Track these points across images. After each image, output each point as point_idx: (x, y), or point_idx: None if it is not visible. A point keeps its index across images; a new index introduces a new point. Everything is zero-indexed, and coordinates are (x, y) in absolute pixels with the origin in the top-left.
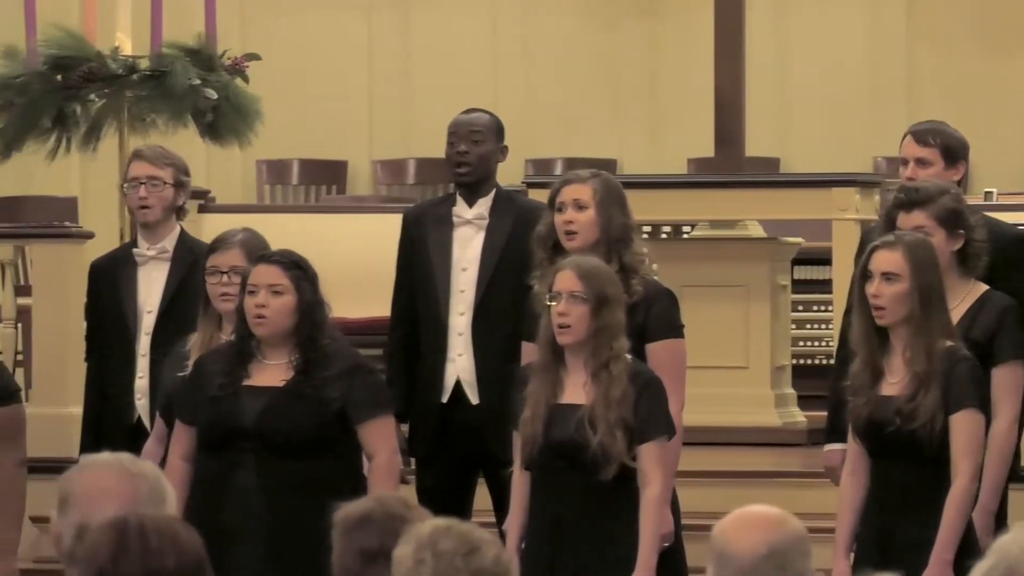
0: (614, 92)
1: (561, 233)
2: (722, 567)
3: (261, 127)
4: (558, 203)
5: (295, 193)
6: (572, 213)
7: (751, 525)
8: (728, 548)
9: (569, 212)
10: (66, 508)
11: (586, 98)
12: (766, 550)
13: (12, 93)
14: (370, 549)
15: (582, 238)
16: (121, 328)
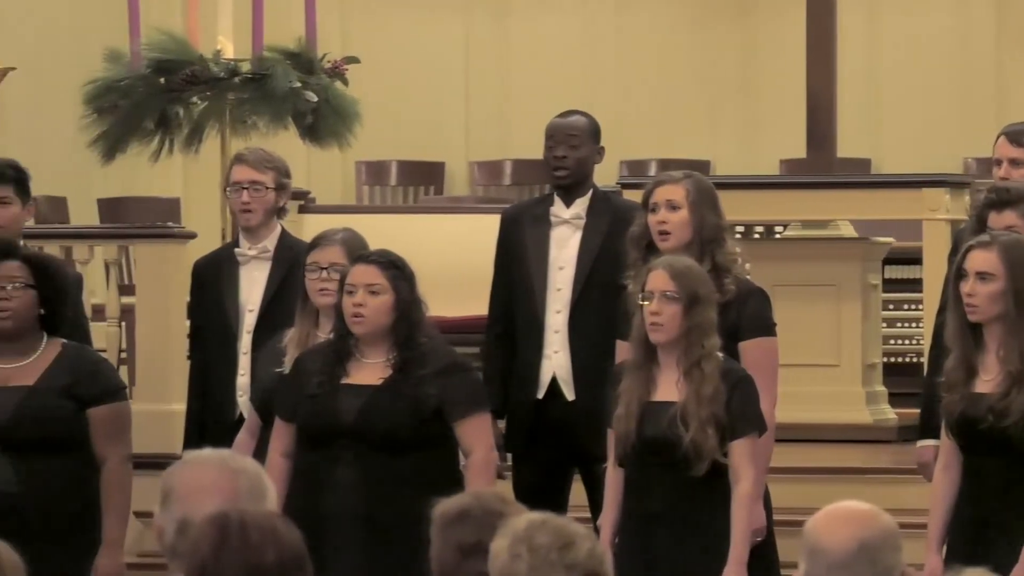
0: (708, 94)
1: (655, 233)
2: (814, 562)
3: (360, 129)
4: (651, 204)
5: (393, 194)
6: (665, 214)
7: (843, 520)
8: (820, 543)
9: (662, 213)
10: (168, 503)
11: (680, 100)
12: (857, 545)
13: (116, 96)
14: (467, 544)
15: (675, 238)
16: (223, 327)
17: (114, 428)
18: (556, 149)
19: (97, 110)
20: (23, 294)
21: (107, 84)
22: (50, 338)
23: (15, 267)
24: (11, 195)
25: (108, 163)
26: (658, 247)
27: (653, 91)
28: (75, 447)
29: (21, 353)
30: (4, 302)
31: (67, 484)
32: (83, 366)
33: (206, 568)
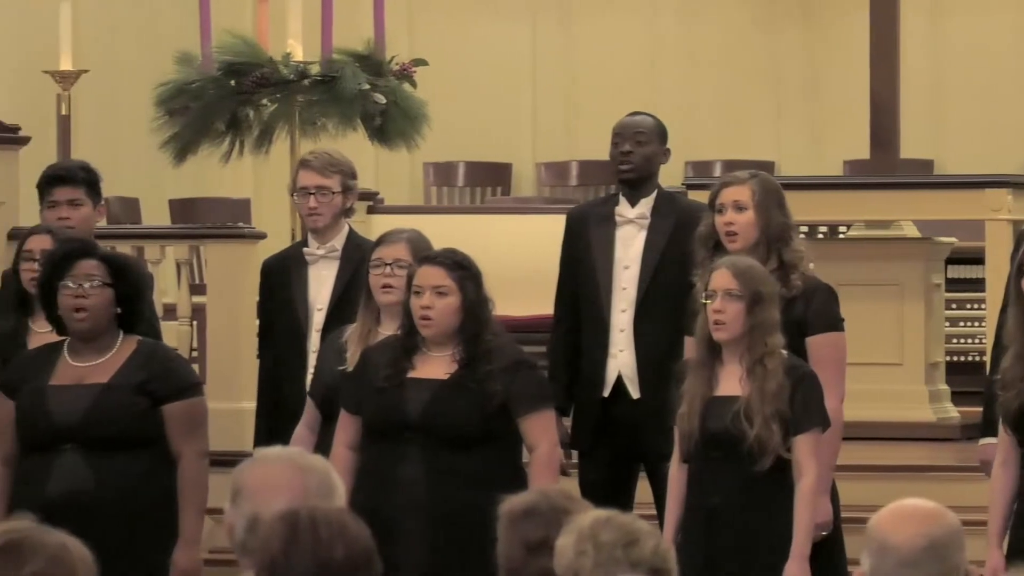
0: (773, 95)
1: (722, 234)
2: (882, 558)
3: (428, 130)
4: (718, 205)
5: (461, 194)
6: (732, 215)
7: (911, 518)
8: (888, 540)
9: (729, 214)
10: (238, 500)
11: (745, 101)
12: (926, 542)
13: (187, 98)
14: (534, 540)
15: (743, 239)
16: (292, 325)
17: (190, 424)
18: (622, 145)
19: (169, 112)
20: (100, 292)
21: (178, 86)
22: (126, 336)
23: (93, 266)
24: (82, 196)
25: (179, 164)
26: (726, 248)
27: (718, 93)
28: (150, 444)
29: (98, 351)
30: (81, 300)
31: (143, 481)
32: (158, 363)
33: (276, 565)
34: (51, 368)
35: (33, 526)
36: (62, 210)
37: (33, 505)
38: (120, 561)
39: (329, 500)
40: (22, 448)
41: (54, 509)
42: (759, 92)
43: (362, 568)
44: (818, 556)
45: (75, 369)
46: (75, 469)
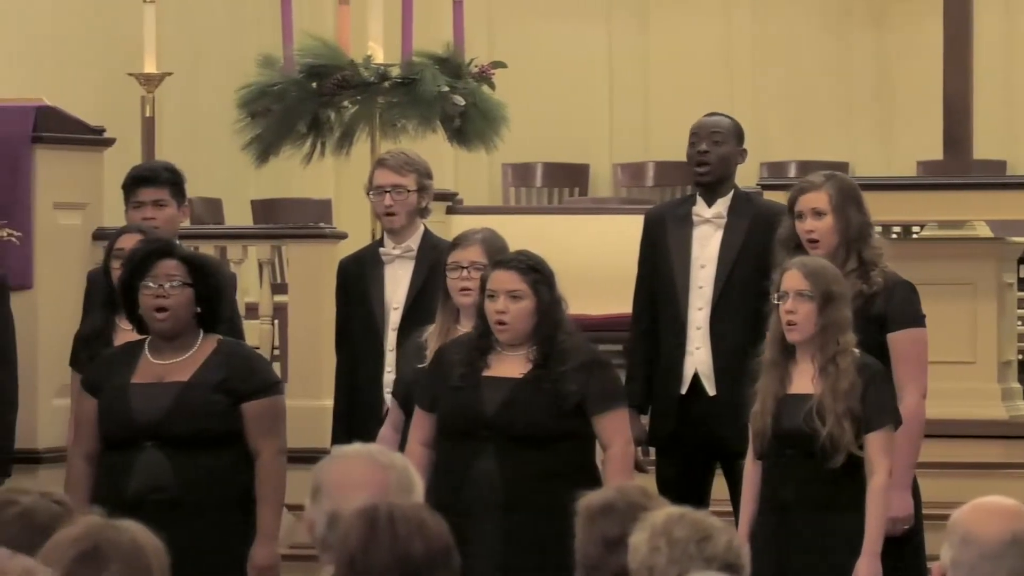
0: (846, 96)
1: (804, 241)
2: (964, 550)
3: (507, 132)
4: (797, 211)
5: (539, 195)
6: (812, 222)
7: (996, 513)
8: (972, 533)
9: (809, 221)
10: (319, 497)
11: (819, 102)
12: (1011, 537)
13: (270, 100)
14: (612, 537)
15: (824, 245)
16: (369, 324)
17: (269, 422)
18: (699, 145)
19: (251, 114)
20: (181, 292)
21: (261, 89)
22: (206, 335)
23: (173, 266)
24: (167, 197)
25: (262, 165)
26: (808, 252)
27: (792, 94)
28: (230, 441)
29: (178, 350)
30: (162, 300)
31: (222, 478)
32: (238, 361)
33: (355, 561)
34: (133, 366)
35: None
36: (147, 211)
37: (115, 502)
38: (199, 557)
39: (408, 496)
40: (104, 445)
41: (135, 506)
42: (832, 93)
43: (440, 563)
44: (899, 550)
45: (156, 367)
46: (156, 466)
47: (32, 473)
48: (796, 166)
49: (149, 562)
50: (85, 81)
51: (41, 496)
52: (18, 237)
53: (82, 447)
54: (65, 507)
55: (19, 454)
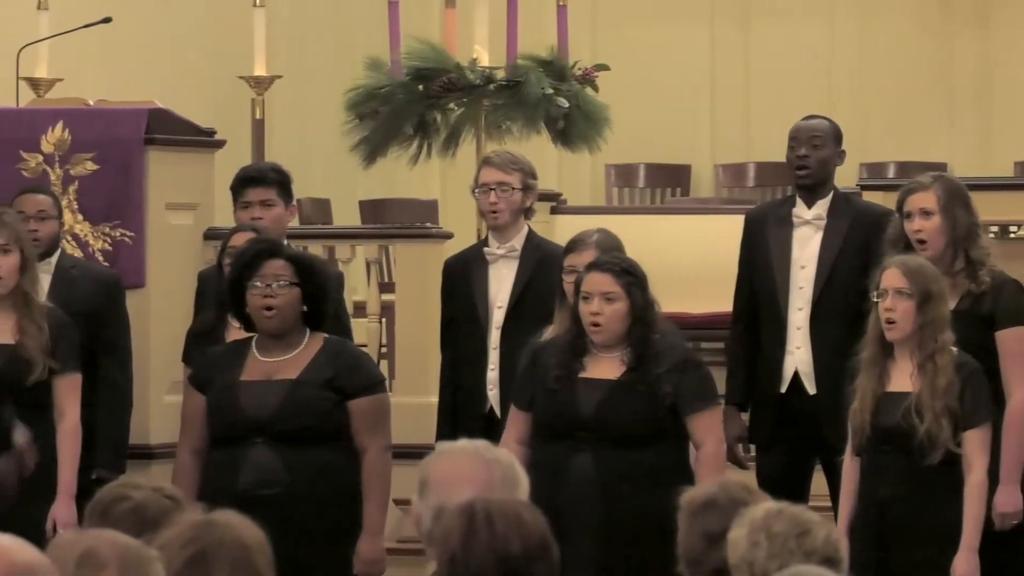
0: (946, 97)
1: (912, 240)
2: None
3: (609, 133)
4: (905, 211)
5: (641, 195)
6: (920, 222)
7: None
8: None
9: (917, 221)
10: (426, 492)
11: (918, 103)
12: None
13: (377, 102)
14: (714, 532)
15: (932, 244)
16: (473, 323)
17: (374, 419)
18: (799, 149)
19: (359, 116)
20: (288, 292)
21: (368, 91)
22: (313, 333)
23: (280, 266)
24: (274, 197)
25: (369, 166)
26: (917, 252)
27: (892, 96)
28: (336, 438)
29: (285, 348)
30: (270, 300)
31: (329, 474)
32: (344, 360)
33: (456, 559)
34: (241, 364)
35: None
36: (254, 211)
37: (224, 497)
38: (307, 551)
39: (513, 492)
40: (213, 441)
41: (244, 501)
42: (931, 94)
43: (538, 559)
44: (1008, 546)
45: (264, 365)
46: (265, 462)
47: (145, 468)
48: (895, 167)
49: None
50: (197, 84)
51: (153, 491)
52: (131, 237)
53: (190, 442)
54: (176, 502)
55: (132, 450)
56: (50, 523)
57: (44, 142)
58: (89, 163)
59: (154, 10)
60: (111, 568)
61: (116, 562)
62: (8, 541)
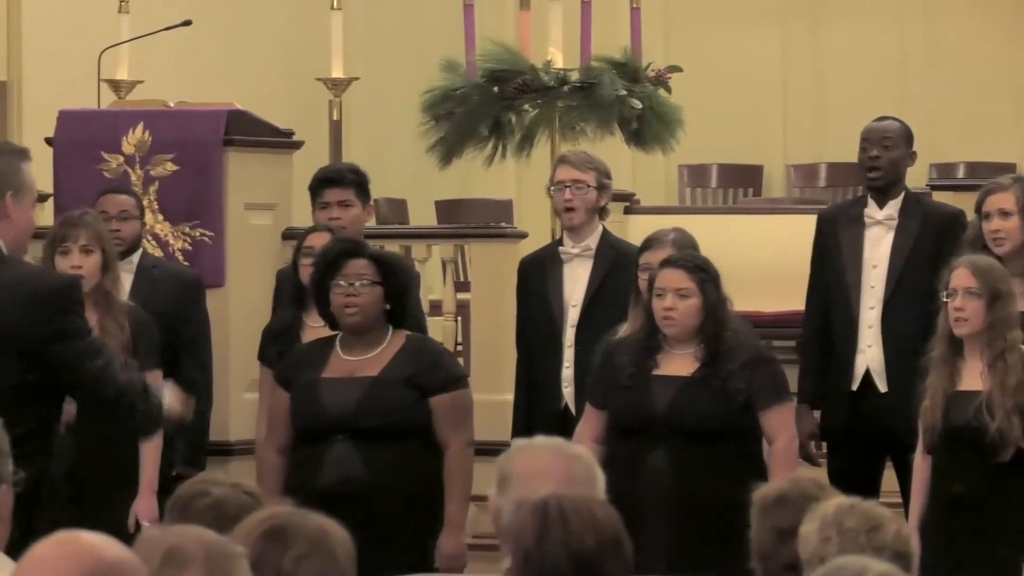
0: (1016, 97)
1: (989, 240)
2: None
3: (682, 134)
4: (984, 211)
5: (714, 195)
6: (998, 222)
7: None
8: None
9: (995, 221)
10: (506, 486)
11: (988, 103)
12: None
13: (453, 104)
14: (785, 527)
15: (1010, 244)
16: (548, 321)
17: (456, 415)
18: (870, 150)
19: (435, 117)
20: (370, 290)
21: (444, 93)
22: (395, 331)
23: (363, 265)
24: (352, 198)
25: (445, 167)
26: (994, 252)
27: (962, 96)
28: (418, 434)
29: (368, 345)
30: (352, 298)
31: (411, 469)
32: (426, 357)
33: (530, 555)
34: (324, 362)
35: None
36: (332, 211)
37: (306, 493)
38: (388, 546)
39: (592, 488)
40: (296, 438)
41: (327, 497)
42: (1002, 94)
43: (612, 555)
44: None
45: (347, 363)
46: (347, 458)
47: (224, 465)
48: (965, 167)
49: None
50: (275, 86)
51: (232, 487)
52: (210, 237)
53: (274, 440)
54: (255, 498)
55: (211, 446)
56: (132, 518)
57: (125, 143)
58: (169, 164)
59: (233, 13)
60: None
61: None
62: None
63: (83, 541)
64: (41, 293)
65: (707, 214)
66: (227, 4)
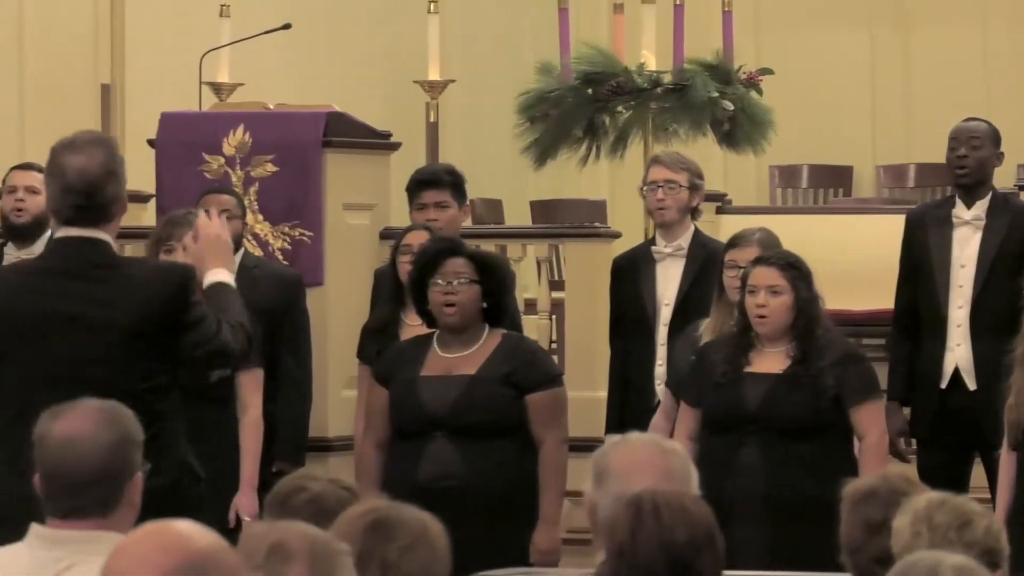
0: None
1: None
2: None
3: (773, 135)
4: None
5: (804, 196)
6: None
7: None
8: None
9: None
10: (604, 481)
11: None
12: None
13: (548, 106)
14: (874, 521)
15: None
16: (641, 319)
17: (551, 413)
18: (958, 150)
19: (530, 119)
20: (468, 289)
21: (539, 95)
22: (492, 329)
23: (461, 264)
24: (448, 199)
25: (540, 168)
26: None
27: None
28: (514, 431)
29: (465, 343)
30: (451, 296)
31: (507, 466)
32: (522, 355)
33: (624, 549)
34: (422, 359)
35: (392, 504)
36: (429, 212)
37: (405, 489)
38: (484, 541)
39: (687, 484)
40: (394, 434)
41: (424, 492)
42: None
43: (704, 549)
44: None
45: (444, 360)
46: (445, 455)
47: (323, 461)
48: None
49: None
50: (373, 88)
51: (330, 483)
52: (310, 237)
53: (373, 436)
54: (352, 493)
55: (311, 443)
56: (233, 513)
57: (226, 145)
58: (269, 165)
59: (332, 17)
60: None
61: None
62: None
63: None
64: (162, 291)
65: (798, 214)
66: (326, 8)
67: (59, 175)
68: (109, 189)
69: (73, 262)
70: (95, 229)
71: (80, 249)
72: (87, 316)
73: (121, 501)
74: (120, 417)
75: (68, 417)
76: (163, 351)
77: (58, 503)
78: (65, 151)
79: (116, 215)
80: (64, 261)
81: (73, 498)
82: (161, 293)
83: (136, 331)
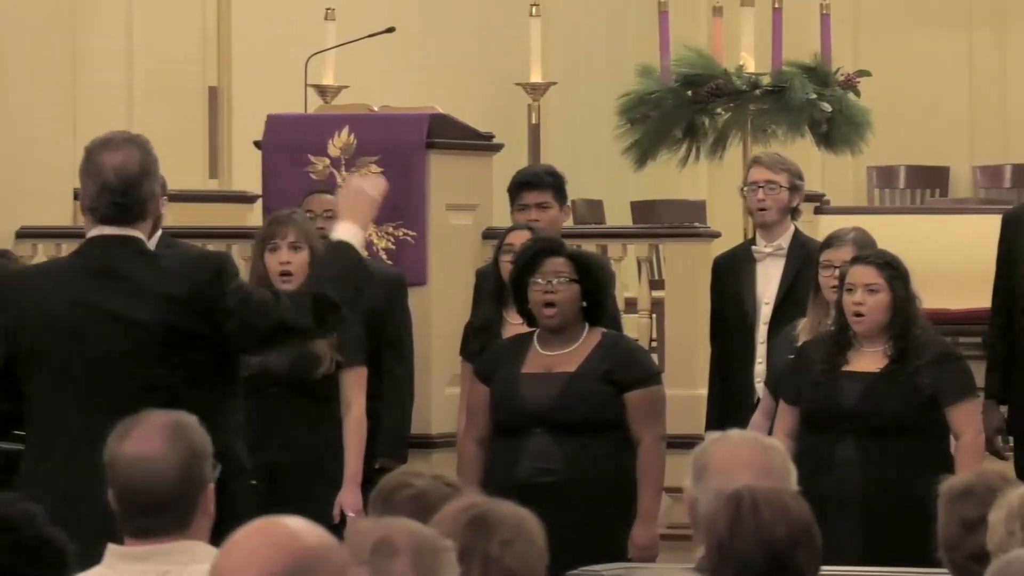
0: None
1: None
2: None
3: (871, 136)
4: None
5: (902, 196)
6: None
7: None
8: None
9: None
10: (704, 477)
11: None
12: None
13: (647, 108)
14: (970, 519)
15: None
16: (741, 318)
17: (650, 410)
18: None
19: (630, 121)
20: (568, 288)
21: (639, 97)
22: (591, 328)
23: (561, 263)
24: (550, 199)
25: (640, 169)
26: None
27: None
28: (613, 428)
29: (565, 342)
30: (550, 295)
31: (606, 462)
32: (621, 353)
33: (723, 544)
34: (522, 357)
35: (489, 499)
36: (531, 213)
37: (505, 484)
38: (584, 537)
39: (787, 480)
40: (495, 431)
41: (525, 488)
42: None
43: (803, 545)
44: None
45: (544, 358)
46: (544, 451)
47: (426, 457)
48: None
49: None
50: (476, 90)
51: (434, 479)
52: (413, 237)
53: (474, 432)
54: (455, 489)
55: (414, 439)
56: (337, 509)
57: (331, 146)
58: (373, 166)
59: (435, 20)
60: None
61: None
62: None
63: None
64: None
65: (895, 214)
66: (430, 11)
67: (96, 174)
68: (145, 187)
69: (108, 260)
70: (130, 227)
71: (116, 247)
72: (122, 313)
73: (196, 512)
74: (187, 431)
75: (137, 437)
76: (204, 342)
77: (135, 523)
78: (102, 150)
79: (151, 213)
80: (100, 260)
81: (150, 519)
82: (193, 284)
83: (171, 325)
